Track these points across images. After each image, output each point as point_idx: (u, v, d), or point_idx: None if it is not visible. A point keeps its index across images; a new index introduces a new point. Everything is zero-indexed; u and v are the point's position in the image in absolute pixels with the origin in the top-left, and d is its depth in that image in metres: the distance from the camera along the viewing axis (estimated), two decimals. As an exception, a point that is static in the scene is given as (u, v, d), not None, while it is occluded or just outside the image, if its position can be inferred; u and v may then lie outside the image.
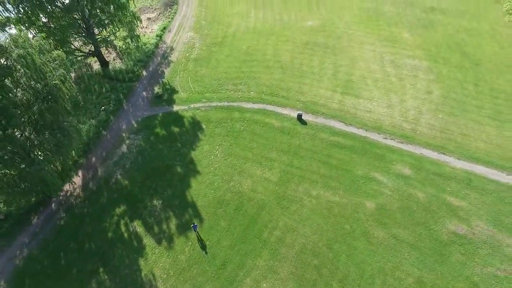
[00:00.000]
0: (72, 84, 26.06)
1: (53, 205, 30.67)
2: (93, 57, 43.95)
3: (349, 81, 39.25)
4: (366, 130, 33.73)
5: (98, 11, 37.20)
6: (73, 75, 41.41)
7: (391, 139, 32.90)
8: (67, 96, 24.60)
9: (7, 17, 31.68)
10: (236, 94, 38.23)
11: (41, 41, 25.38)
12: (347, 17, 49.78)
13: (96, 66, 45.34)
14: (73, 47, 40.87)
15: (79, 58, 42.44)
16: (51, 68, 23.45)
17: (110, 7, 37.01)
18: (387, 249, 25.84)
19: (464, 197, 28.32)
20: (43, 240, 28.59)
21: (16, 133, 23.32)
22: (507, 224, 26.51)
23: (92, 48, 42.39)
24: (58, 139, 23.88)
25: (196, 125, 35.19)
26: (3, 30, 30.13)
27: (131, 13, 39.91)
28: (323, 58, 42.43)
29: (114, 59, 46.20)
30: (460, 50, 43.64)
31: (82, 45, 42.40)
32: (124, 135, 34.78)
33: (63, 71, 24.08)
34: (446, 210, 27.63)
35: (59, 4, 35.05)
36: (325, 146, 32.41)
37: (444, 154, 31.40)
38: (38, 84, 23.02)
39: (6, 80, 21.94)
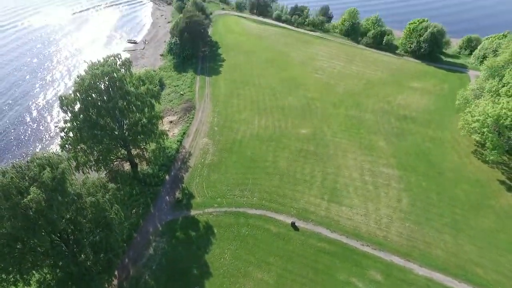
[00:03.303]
0: (122, 213, 34.89)
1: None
2: (126, 162, 53.89)
3: (334, 189, 48.16)
4: (347, 237, 41.65)
5: (138, 136, 47.65)
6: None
7: (367, 246, 40.65)
8: (117, 223, 33.30)
9: (68, 157, 41.20)
10: (242, 200, 47.02)
11: (103, 180, 34.85)
12: (334, 125, 60.52)
13: (127, 166, 55.20)
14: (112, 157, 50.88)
15: (115, 162, 52.36)
16: (109, 205, 32.45)
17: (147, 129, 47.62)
18: None
19: (424, 302, 35.30)
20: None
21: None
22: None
23: (125, 154, 52.56)
24: (109, 258, 32.05)
25: (209, 229, 43.41)
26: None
27: (160, 131, 50.49)
28: (313, 166, 51.94)
29: (142, 161, 56.05)
30: (426, 159, 53.18)
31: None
32: (151, 237, 42.93)
33: (117, 206, 33.13)
34: (410, 314, 34.48)
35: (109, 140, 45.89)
36: (313, 252, 40.13)
37: (409, 261, 38.94)
38: (100, 218, 31.86)
39: (79, 217, 30.81)
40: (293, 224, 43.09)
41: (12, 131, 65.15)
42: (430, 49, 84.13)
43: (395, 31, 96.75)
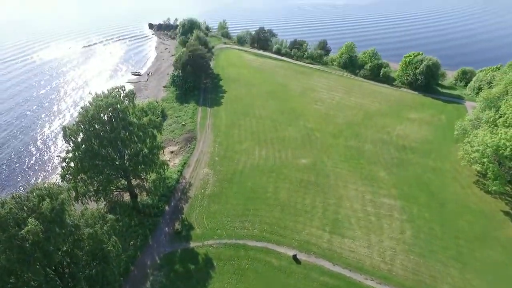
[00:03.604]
0: (119, 245, 34.26)
1: None
2: (126, 192, 53.61)
3: (336, 220, 47.46)
4: (350, 270, 40.41)
5: (139, 166, 47.86)
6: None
7: (371, 280, 39.35)
8: (115, 255, 32.60)
9: (68, 187, 41.42)
10: (242, 231, 46.18)
11: (102, 211, 34.57)
12: (335, 155, 60.77)
13: (126, 196, 54.81)
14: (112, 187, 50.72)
15: (115, 193, 52.08)
16: (107, 237, 31.95)
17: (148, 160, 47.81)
18: None
19: None
20: None
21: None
22: None
23: (125, 184, 52.40)
24: (105, 291, 31.11)
25: (208, 262, 42.27)
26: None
27: (161, 162, 50.70)
28: (314, 197, 51.53)
29: (141, 192, 55.77)
30: (427, 190, 52.82)
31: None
32: (148, 271, 41.70)
33: (114, 237, 32.60)
34: None
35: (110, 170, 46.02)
36: (316, 286, 38.76)
37: (415, 296, 37.55)
38: (97, 250, 31.25)
39: (76, 249, 30.25)
40: (294, 257, 41.99)
41: (15, 160, 65.39)
42: (427, 81, 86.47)
43: (392, 63, 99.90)
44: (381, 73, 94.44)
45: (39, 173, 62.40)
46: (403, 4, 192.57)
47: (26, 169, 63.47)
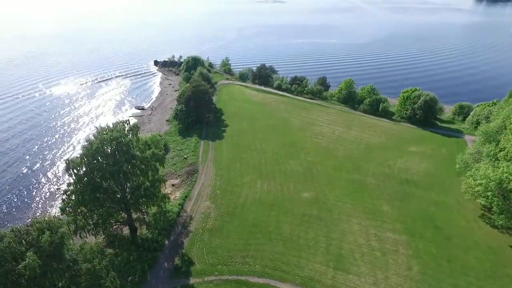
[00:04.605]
0: (117, 281, 33.22)
1: None
2: (125, 226, 52.77)
3: (340, 255, 46.17)
4: (356, 310, 38.72)
5: (140, 200, 47.64)
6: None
7: (379, 320, 37.54)
8: (112, 292, 31.52)
9: (68, 220, 40.98)
10: (243, 267, 44.80)
11: (101, 246, 33.90)
12: (337, 189, 60.40)
13: (126, 230, 53.82)
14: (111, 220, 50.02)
15: (114, 226, 51.23)
16: (105, 272, 31.08)
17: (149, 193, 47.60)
18: None
19: None
20: None
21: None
22: None
23: (125, 217, 51.69)
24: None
25: (208, 301, 40.68)
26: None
27: (162, 195, 50.44)
28: (317, 231, 50.54)
29: (141, 225, 54.86)
30: (432, 224, 51.86)
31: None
32: (146, 310, 40.06)
33: (113, 273, 31.69)
34: None
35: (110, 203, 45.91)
36: (321, 328, 36.95)
37: (426, 339, 35.52)
38: (94, 286, 30.24)
39: (72, 286, 29.31)
40: (298, 295, 40.40)
41: (16, 192, 65.15)
42: (425, 115, 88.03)
43: (390, 98, 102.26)
44: (380, 108, 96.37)
45: (40, 206, 61.87)
46: (397, 44, 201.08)
47: (28, 201, 63.03)
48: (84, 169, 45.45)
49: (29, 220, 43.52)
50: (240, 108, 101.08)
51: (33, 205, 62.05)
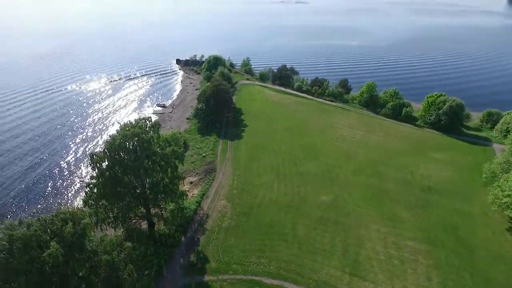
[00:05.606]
0: (135, 274, 33.97)
1: None
2: (143, 220, 53.85)
3: (356, 261, 45.28)
4: (372, 319, 37.83)
5: (158, 195, 48.50)
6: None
7: (395, 330, 36.52)
8: (129, 284, 32.18)
9: (89, 213, 42.18)
10: (258, 267, 44.72)
11: (120, 238, 34.75)
12: (355, 194, 59.29)
13: (144, 225, 54.92)
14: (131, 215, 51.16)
15: (133, 220, 52.39)
16: (123, 264, 31.84)
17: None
18: None
19: None
20: None
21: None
22: None
23: (144, 212, 52.75)
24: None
25: (222, 299, 40.86)
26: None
27: (180, 192, 51.11)
28: (334, 235, 49.80)
29: (159, 221, 55.82)
30: (455, 234, 50.02)
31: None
32: (160, 304, 40.69)
33: (130, 266, 32.43)
34: None
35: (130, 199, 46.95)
36: (334, 333, 36.35)
37: None
38: (112, 278, 31.05)
39: (92, 276, 30.21)
40: (312, 299, 39.93)
41: (45, 182, 67.89)
42: (450, 122, 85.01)
43: (413, 103, 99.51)
44: (402, 112, 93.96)
45: (65, 197, 64.14)
46: (423, 47, 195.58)
47: (52, 191, 65.50)
48: (106, 163, 46.74)
49: (54, 210, 45.18)
50: (260, 109, 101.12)
51: (58, 196, 64.41)
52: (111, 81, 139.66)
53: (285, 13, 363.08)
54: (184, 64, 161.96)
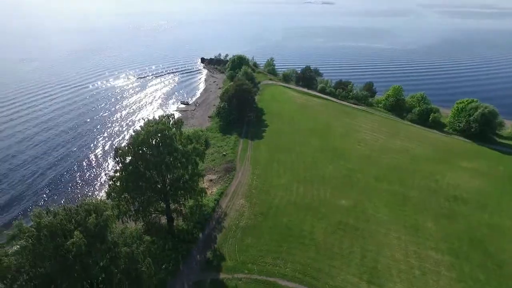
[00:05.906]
0: (153, 267, 34.77)
1: None
2: (163, 215, 54.98)
3: (375, 268, 44.09)
4: (389, 329, 36.73)
5: (178, 192, 49.38)
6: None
7: None
8: (147, 276, 32.98)
9: (112, 205, 43.48)
10: (274, 269, 44.50)
11: (140, 231, 35.64)
12: (376, 199, 57.80)
13: (163, 220, 56.07)
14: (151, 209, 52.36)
15: (153, 215, 53.60)
16: (142, 257, 32.67)
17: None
18: None
19: None
20: None
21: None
22: None
23: (164, 207, 53.84)
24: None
25: (237, 297, 40.98)
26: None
27: (200, 189, 51.76)
28: (352, 241, 48.75)
29: (178, 217, 56.80)
30: (482, 247, 47.65)
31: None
32: (176, 298, 41.39)
33: (149, 259, 33.22)
34: None
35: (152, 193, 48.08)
36: None
37: None
38: (131, 269, 31.90)
39: (112, 266, 31.17)
40: (327, 304, 39.29)
41: (71, 174, 70.87)
42: (481, 129, 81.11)
43: (442, 109, 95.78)
44: (430, 118, 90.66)
45: (90, 188, 66.63)
46: (454, 50, 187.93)
47: (80, 182, 68.23)
48: (130, 158, 48.09)
49: (79, 201, 47.02)
50: (282, 109, 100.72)
51: (85, 187, 67.01)
52: (139, 78, 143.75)
53: (311, 13, 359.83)
54: (209, 62, 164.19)
